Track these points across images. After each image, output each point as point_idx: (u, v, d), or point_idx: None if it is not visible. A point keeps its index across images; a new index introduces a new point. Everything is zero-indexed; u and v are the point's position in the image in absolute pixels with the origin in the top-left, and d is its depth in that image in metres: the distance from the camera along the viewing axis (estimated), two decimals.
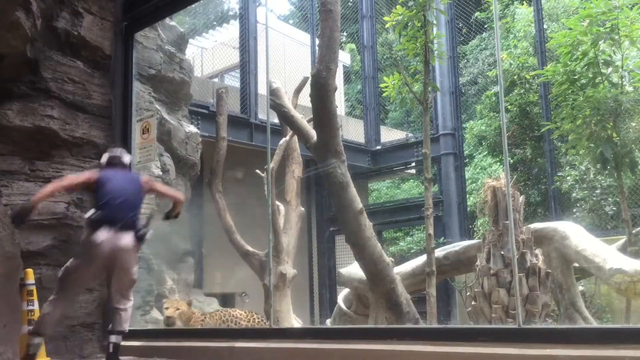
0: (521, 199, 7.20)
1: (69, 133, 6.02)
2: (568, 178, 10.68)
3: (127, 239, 4.75)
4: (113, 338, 4.85)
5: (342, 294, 9.21)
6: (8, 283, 4.60)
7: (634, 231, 7.63)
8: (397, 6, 7.47)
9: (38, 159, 5.87)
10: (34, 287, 5.10)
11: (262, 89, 12.65)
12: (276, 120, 9.78)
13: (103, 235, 4.63)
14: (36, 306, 5.02)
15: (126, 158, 5.26)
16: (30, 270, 5.14)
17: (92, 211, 4.79)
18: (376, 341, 4.50)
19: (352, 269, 8.41)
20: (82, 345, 5.80)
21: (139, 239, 4.86)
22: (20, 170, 5.73)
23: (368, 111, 15.96)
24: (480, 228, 12.18)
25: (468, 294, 7.47)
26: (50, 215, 5.73)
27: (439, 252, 8.07)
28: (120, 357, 5.12)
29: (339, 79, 11.25)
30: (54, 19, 6.05)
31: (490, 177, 8.39)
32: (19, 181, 5.70)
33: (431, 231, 7.27)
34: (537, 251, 6.88)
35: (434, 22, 7.44)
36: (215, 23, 17.13)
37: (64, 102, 6.03)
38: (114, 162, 5.15)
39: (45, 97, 5.90)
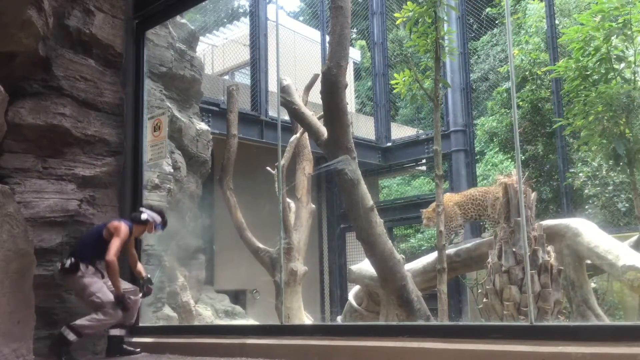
0: (533, 195, 7.16)
1: (81, 131, 6.05)
2: (580, 174, 10.62)
3: None
4: None
5: (353, 290, 9.21)
6: (22, 280, 4.64)
7: None
8: (408, 2, 7.44)
9: (50, 157, 5.90)
10: None
11: (273, 86, 12.68)
12: (287, 118, 9.80)
13: None
14: None
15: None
16: None
17: None
18: (387, 338, 4.49)
19: (363, 266, 8.41)
20: (95, 341, 5.84)
21: None
22: (32, 168, 5.77)
23: (378, 108, 15.95)
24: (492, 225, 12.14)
25: (479, 291, 7.45)
26: (62, 212, 5.76)
27: (450, 249, 8.06)
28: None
29: (349, 76, 11.23)
30: (65, 17, 6.08)
31: (501, 173, 8.34)
32: (32, 179, 5.73)
33: (442, 228, 7.25)
34: (549, 248, 6.84)
35: (445, 18, 7.40)
36: (225, 20, 17.18)
37: (76, 100, 6.06)
38: None
39: (57, 95, 5.93)
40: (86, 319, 5.31)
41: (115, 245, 5.34)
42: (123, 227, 5.47)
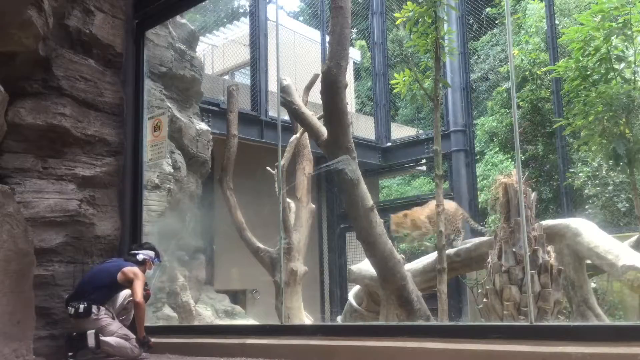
0: (533, 195, 7.16)
1: (81, 131, 6.05)
2: (580, 174, 10.62)
3: None
4: None
5: (353, 290, 9.21)
6: (22, 280, 4.63)
7: None
8: (408, 2, 7.44)
9: (50, 157, 5.90)
10: None
11: (273, 86, 12.67)
12: (287, 118, 9.80)
13: None
14: None
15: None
16: None
17: None
18: (387, 338, 4.50)
19: (363, 266, 8.41)
20: None
21: None
22: (32, 168, 5.77)
23: (378, 108, 15.95)
24: (492, 225, 12.13)
25: (479, 291, 7.45)
26: (62, 212, 5.76)
27: (450, 249, 8.06)
28: None
29: (349, 76, 11.23)
30: (65, 17, 6.08)
31: (501, 173, 8.34)
32: (32, 179, 5.73)
33: (442, 228, 7.25)
34: (549, 248, 6.84)
35: (445, 18, 7.40)
36: (225, 20, 17.18)
37: (76, 100, 6.06)
38: None
39: (58, 95, 5.93)
40: (114, 339, 5.40)
41: (140, 288, 5.54)
42: (139, 270, 5.67)
